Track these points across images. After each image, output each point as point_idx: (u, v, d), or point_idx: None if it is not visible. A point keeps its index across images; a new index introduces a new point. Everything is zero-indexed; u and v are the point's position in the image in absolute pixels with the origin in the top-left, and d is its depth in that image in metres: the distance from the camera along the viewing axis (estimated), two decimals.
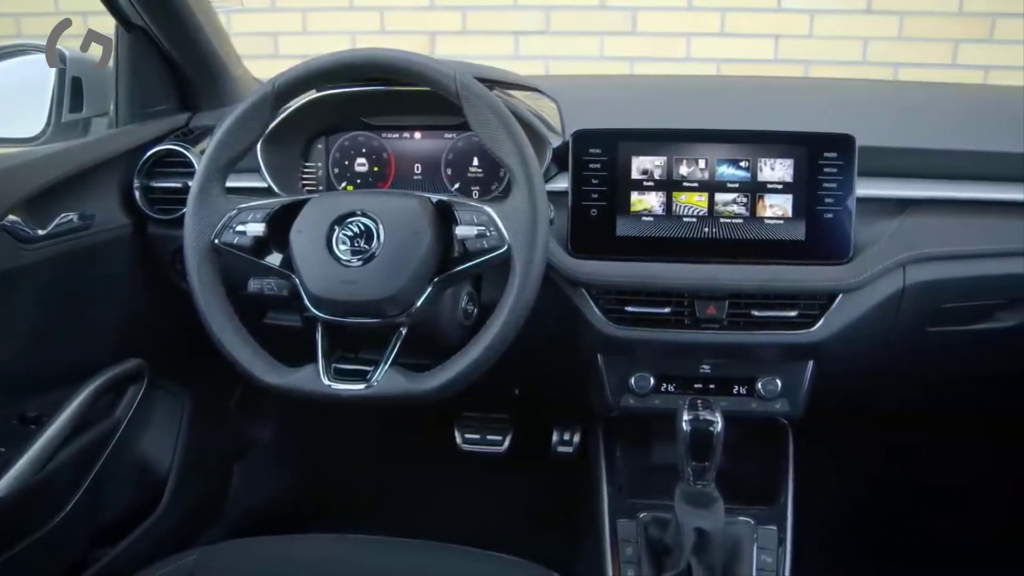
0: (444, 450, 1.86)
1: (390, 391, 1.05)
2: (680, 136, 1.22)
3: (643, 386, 1.29)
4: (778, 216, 1.21)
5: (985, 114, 1.47)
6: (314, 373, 1.07)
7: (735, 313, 1.22)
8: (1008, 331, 1.29)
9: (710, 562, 1.13)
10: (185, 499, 1.60)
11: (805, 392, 1.29)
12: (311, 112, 1.34)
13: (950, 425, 1.85)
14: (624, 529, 1.30)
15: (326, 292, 1.07)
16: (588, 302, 1.24)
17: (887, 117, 1.41)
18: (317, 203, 1.11)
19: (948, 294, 1.25)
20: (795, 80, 2.26)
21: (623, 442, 1.45)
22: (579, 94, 1.47)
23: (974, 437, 1.89)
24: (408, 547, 1.17)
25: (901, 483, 1.90)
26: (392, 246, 1.06)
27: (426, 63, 1.07)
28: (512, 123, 1.06)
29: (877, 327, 1.24)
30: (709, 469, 1.15)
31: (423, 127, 1.38)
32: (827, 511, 1.59)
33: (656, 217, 1.22)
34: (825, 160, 1.20)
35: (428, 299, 1.07)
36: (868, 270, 1.20)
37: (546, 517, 1.68)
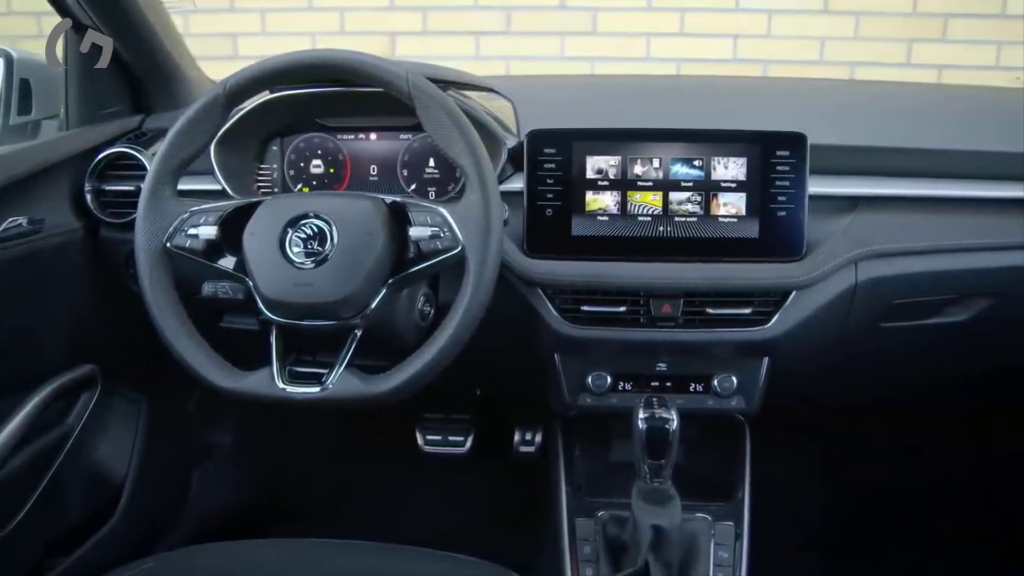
0: (406, 452, 1.85)
1: (344, 394, 1.04)
2: (634, 135, 1.23)
3: (600, 385, 1.30)
4: (732, 214, 1.22)
5: (936, 112, 1.49)
6: (268, 377, 1.06)
7: (690, 311, 1.23)
8: (959, 325, 1.31)
9: (667, 559, 1.14)
10: (143, 505, 1.58)
11: (761, 388, 1.30)
12: (265, 113, 1.32)
13: (904, 420, 1.88)
14: (582, 528, 1.31)
15: (279, 295, 1.06)
16: (544, 302, 1.24)
17: (841, 116, 1.43)
18: (270, 205, 1.10)
19: (900, 290, 1.27)
20: (751, 80, 2.28)
21: (582, 441, 1.46)
22: (537, 94, 1.47)
23: (928, 432, 1.92)
24: (368, 549, 1.17)
25: (857, 478, 1.93)
26: (345, 248, 1.05)
27: (378, 64, 1.07)
28: (465, 123, 1.06)
29: (831, 323, 1.26)
30: (665, 467, 1.15)
31: (379, 128, 1.37)
32: (784, 506, 1.60)
33: (611, 216, 1.23)
34: (777, 158, 1.21)
35: (383, 301, 1.07)
36: (821, 267, 1.21)
37: (509, 517, 1.69)
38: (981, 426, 1.90)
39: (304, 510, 1.95)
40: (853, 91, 1.73)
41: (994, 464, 1.90)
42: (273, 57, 1.10)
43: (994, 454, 1.90)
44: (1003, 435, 1.87)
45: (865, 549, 1.72)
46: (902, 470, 1.93)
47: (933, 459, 1.94)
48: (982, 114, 1.48)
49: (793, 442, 1.80)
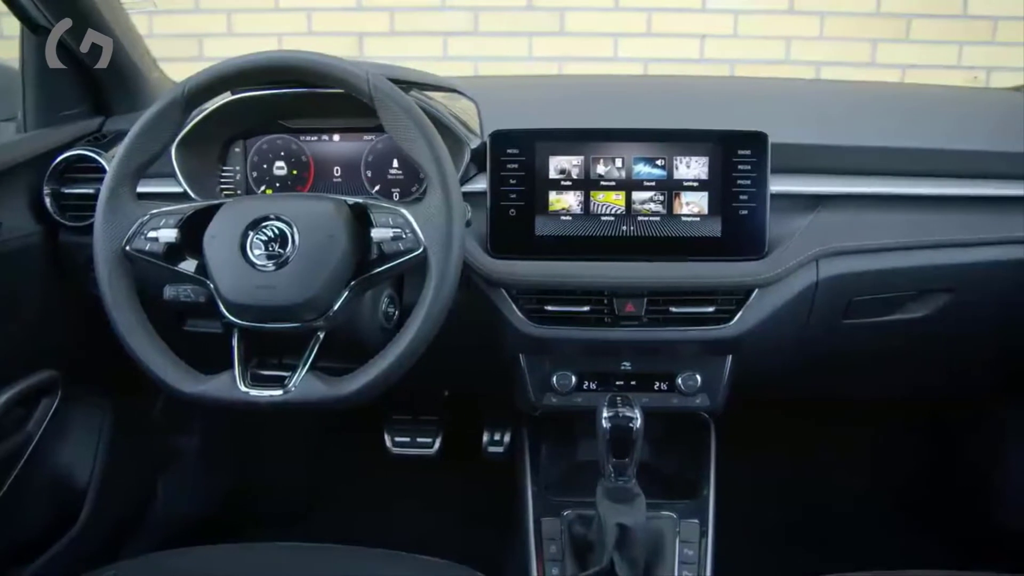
0: (374, 454, 1.84)
1: (307, 397, 1.04)
2: (596, 135, 1.23)
3: (565, 384, 1.30)
4: (694, 213, 1.23)
5: (895, 111, 1.51)
6: (230, 380, 1.05)
7: (654, 310, 1.24)
8: (918, 321, 1.33)
9: (632, 557, 1.14)
10: (107, 513, 1.56)
11: (725, 386, 1.31)
12: (227, 115, 1.31)
13: (868, 416, 1.90)
14: (548, 527, 1.31)
15: (241, 298, 1.05)
16: (508, 302, 1.24)
17: (803, 115, 1.44)
18: (230, 208, 1.10)
19: (860, 287, 1.28)
20: (715, 79, 2.30)
21: (548, 441, 1.46)
22: (502, 94, 1.47)
23: (892, 427, 1.94)
24: (334, 553, 1.16)
25: (822, 474, 1.94)
26: (307, 250, 1.04)
27: (338, 65, 1.07)
28: (426, 124, 1.06)
29: (793, 320, 1.27)
30: (629, 465, 1.16)
31: (342, 129, 1.37)
32: (749, 503, 1.61)
33: (574, 216, 1.23)
34: (739, 157, 1.22)
35: (345, 303, 1.06)
36: (782, 265, 1.22)
37: (478, 517, 1.68)
38: (944, 420, 1.93)
39: (273, 514, 1.94)
40: (815, 90, 1.75)
41: (958, 457, 1.92)
42: (233, 58, 1.09)
43: (957, 448, 1.92)
44: (965, 429, 1.90)
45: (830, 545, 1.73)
46: (866, 465, 1.96)
47: (897, 454, 1.97)
48: (940, 113, 1.51)
49: (758, 439, 1.82)
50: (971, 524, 1.84)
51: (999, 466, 1.78)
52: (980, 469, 1.84)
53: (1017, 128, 1.48)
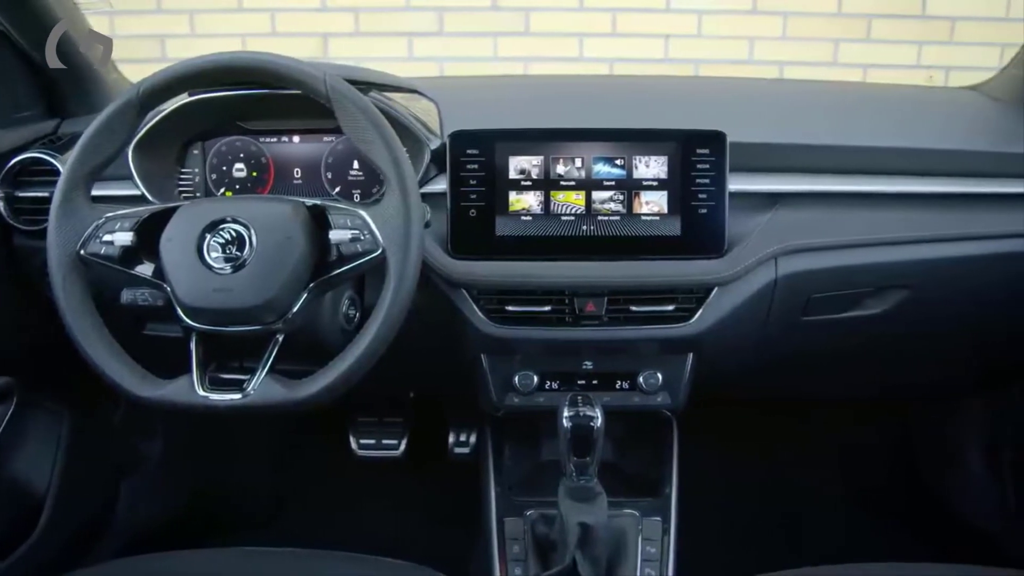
0: (340, 456, 1.84)
1: (266, 400, 1.03)
2: (555, 135, 1.23)
3: (527, 384, 1.30)
4: (654, 212, 1.23)
5: (852, 110, 1.52)
6: (188, 384, 1.04)
7: (614, 309, 1.24)
8: (876, 317, 1.34)
9: (594, 555, 1.15)
10: (66, 521, 1.54)
11: (686, 384, 1.32)
12: (185, 116, 1.30)
13: (829, 412, 1.92)
14: (511, 527, 1.31)
15: (198, 301, 1.04)
16: (469, 303, 1.24)
17: (762, 114, 1.45)
18: (187, 210, 1.09)
19: (819, 284, 1.29)
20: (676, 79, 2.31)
21: (512, 441, 1.46)
22: (463, 95, 1.47)
23: (853, 423, 1.96)
24: (297, 556, 1.16)
25: (785, 471, 1.96)
26: (264, 252, 1.04)
27: (294, 66, 1.06)
28: (383, 125, 1.05)
29: (753, 318, 1.28)
30: (591, 464, 1.16)
31: (302, 131, 1.36)
32: (712, 500, 1.63)
33: (535, 216, 1.23)
34: (698, 156, 1.23)
35: (305, 305, 1.06)
36: (741, 263, 1.23)
37: (444, 519, 1.68)
38: (907, 416, 1.96)
39: (238, 518, 1.92)
40: (775, 90, 1.76)
41: (921, 453, 1.95)
42: (188, 60, 1.08)
43: (920, 444, 1.95)
44: (928, 425, 1.92)
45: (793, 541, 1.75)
46: (829, 462, 1.98)
47: (859, 451, 1.99)
48: (897, 111, 1.52)
49: (721, 437, 1.83)
50: (935, 519, 1.87)
51: (961, 461, 1.81)
52: (943, 464, 1.87)
53: (971, 126, 1.51)
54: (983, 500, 1.76)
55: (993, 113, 1.53)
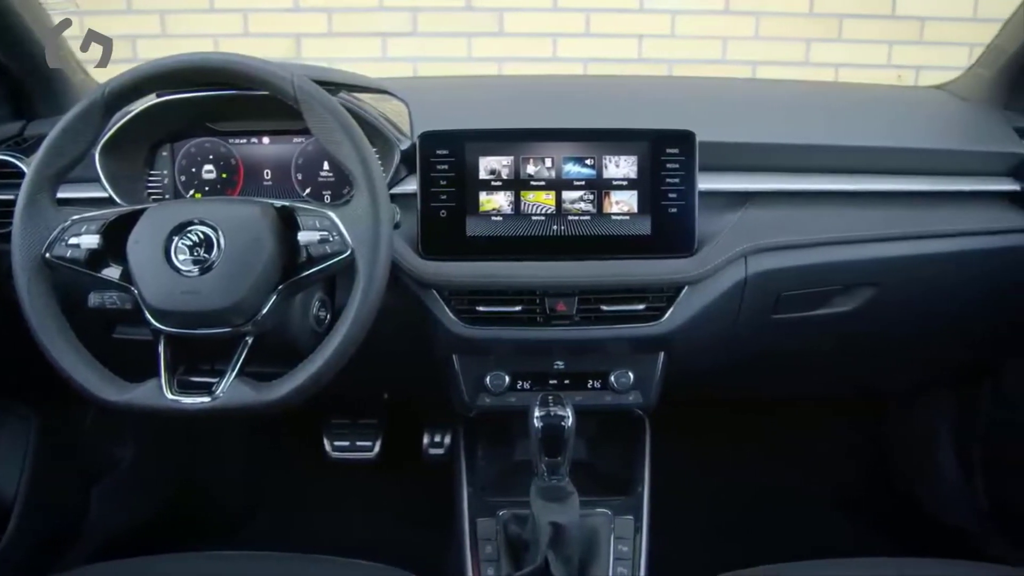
0: (314, 459, 1.83)
1: (235, 402, 1.03)
2: (525, 135, 1.23)
3: (498, 385, 1.30)
4: (624, 212, 1.24)
5: (821, 109, 1.54)
6: (156, 388, 1.04)
7: (585, 309, 1.24)
8: (846, 315, 1.36)
9: (567, 555, 1.15)
10: (35, 527, 1.52)
11: (657, 383, 1.32)
12: (153, 118, 1.29)
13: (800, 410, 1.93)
14: (484, 528, 1.31)
15: (166, 304, 1.03)
16: (440, 303, 1.24)
17: (732, 113, 1.46)
18: (154, 212, 1.08)
19: (788, 282, 1.30)
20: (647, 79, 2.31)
21: (484, 441, 1.46)
22: (433, 95, 1.47)
23: (824, 421, 1.98)
24: (270, 560, 1.16)
25: (757, 469, 1.97)
26: (233, 254, 1.03)
27: (261, 67, 1.06)
28: (351, 126, 1.05)
29: (723, 316, 1.29)
30: (562, 464, 1.16)
31: (272, 132, 1.35)
32: (685, 499, 1.63)
33: (505, 216, 1.23)
34: (667, 156, 1.23)
35: (274, 307, 1.05)
36: (711, 262, 1.24)
37: (419, 520, 1.68)
38: (876, 414, 1.98)
39: (212, 522, 1.91)
40: (746, 89, 1.77)
41: (891, 451, 1.97)
42: (154, 61, 1.08)
43: (890, 441, 1.97)
44: (897, 422, 1.94)
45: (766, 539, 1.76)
46: (801, 460, 1.99)
47: (831, 448, 2.01)
48: (865, 110, 1.54)
49: (693, 436, 1.84)
50: (906, 516, 1.88)
51: (933, 458, 1.82)
52: (914, 462, 1.89)
53: (938, 125, 1.53)
54: (954, 497, 1.78)
55: (960, 112, 1.55)
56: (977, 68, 1.56)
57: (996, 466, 1.69)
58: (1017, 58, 1.43)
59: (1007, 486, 1.66)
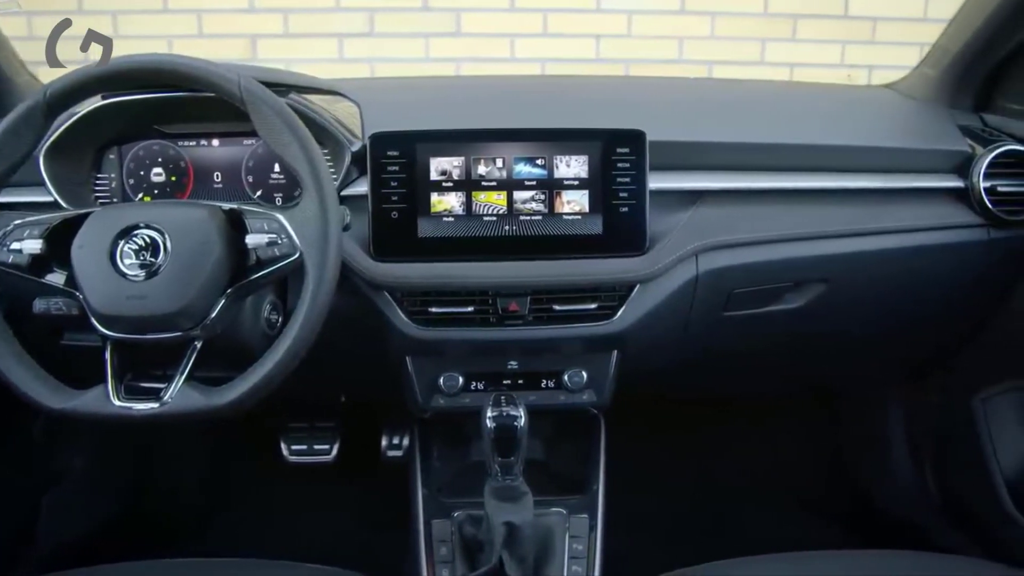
0: (272, 463, 1.82)
1: (184, 408, 1.02)
2: (476, 136, 1.23)
3: (452, 386, 1.30)
4: (575, 212, 1.24)
5: (775, 108, 1.55)
6: (102, 394, 1.03)
7: (537, 308, 1.25)
8: (797, 311, 1.37)
9: (521, 554, 1.15)
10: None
11: (611, 381, 1.33)
12: (99, 120, 1.27)
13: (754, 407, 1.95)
14: (439, 529, 1.31)
15: (112, 309, 1.02)
16: (392, 305, 1.24)
17: (687, 112, 1.47)
18: (99, 216, 1.07)
19: (739, 279, 1.32)
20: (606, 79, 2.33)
21: (440, 443, 1.46)
22: (386, 96, 1.47)
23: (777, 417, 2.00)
24: (226, 566, 1.15)
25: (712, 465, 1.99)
26: (180, 258, 1.02)
27: (207, 68, 1.05)
28: (299, 128, 1.04)
29: (675, 314, 1.30)
30: (516, 464, 1.17)
31: (221, 134, 1.34)
32: (641, 496, 1.64)
33: (457, 217, 1.23)
34: (618, 156, 1.23)
35: (223, 310, 1.05)
36: (663, 260, 1.25)
37: (377, 522, 1.67)
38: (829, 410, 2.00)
39: (168, 529, 1.89)
40: (700, 89, 1.78)
41: (844, 446, 1.99)
42: (97, 62, 1.06)
43: (844, 436, 1.99)
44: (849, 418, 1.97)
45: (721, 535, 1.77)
46: (756, 456, 2.01)
47: (785, 444, 2.03)
48: (815, 109, 1.56)
49: (648, 433, 1.85)
50: (861, 511, 1.91)
51: (886, 453, 1.85)
52: (868, 457, 1.91)
53: (886, 123, 1.55)
54: (907, 491, 1.81)
55: (906, 110, 1.57)
56: (923, 68, 1.58)
57: (946, 460, 1.72)
58: (960, 57, 1.45)
59: (957, 479, 1.69)
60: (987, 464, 1.54)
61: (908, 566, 1.13)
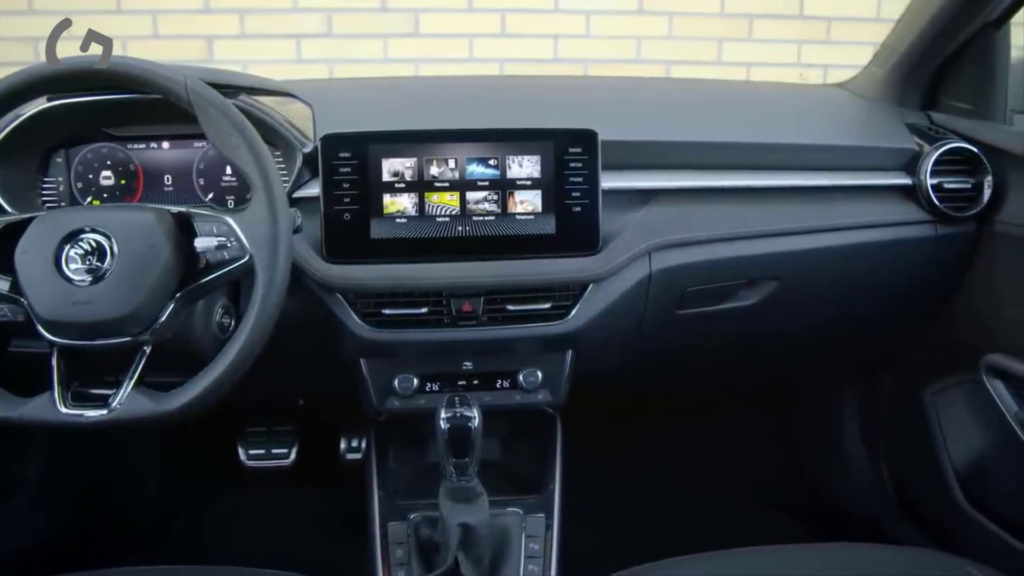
0: (229, 469, 1.80)
1: (133, 413, 1.01)
2: (428, 136, 1.23)
3: (407, 387, 1.30)
4: (529, 212, 1.24)
5: (729, 108, 1.56)
6: (49, 401, 1.01)
7: (491, 308, 1.25)
8: (750, 309, 1.39)
9: (477, 555, 1.15)
10: None
11: (566, 380, 1.33)
12: (45, 123, 1.25)
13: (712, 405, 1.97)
14: (395, 531, 1.30)
15: (57, 315, 1.01)
16: (345, 307, 1.23)
17: (641, 112, 1.48)
18: (43, 221, 1.05)
19: (692, 278, 1.32)
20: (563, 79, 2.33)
21: (396, 445, 1.46)
22: (339, 97, 1.46)
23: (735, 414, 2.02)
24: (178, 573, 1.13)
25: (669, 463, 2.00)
26: (127, 262, 1.01)
27: (153, 69, 1.03)
28: (247, 129, 1.04)
29: (629, 313, 1.30)
30: (470, 464, 1.16)
31: (172, 136, 1.32)
32: (598, 495, 1.65)
33: (409, 218, 1.23)
34: (570, 155, 1.24)
35: (172, 315, 1.03)
36: (616, 259, 1.25)
37: (336, 526, 1.67)
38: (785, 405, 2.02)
39: (125, 537, 1.86)
40: (654, 88, 1.79)
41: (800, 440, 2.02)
42: (39, 64, 1.05)
43: (799, 431, 2.02)
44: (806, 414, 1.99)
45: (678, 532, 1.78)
46: (712, 454, 2.02)
47: (742, 441, 2.05)
48: (767, 108, 1.57)
49: (605, 432, 1.86)
50: (818, 505, 1.93)
51: (840, 447, 1.88)
52: (823, 451, 1.94)
53: (837, 122, 1.57)
54: (862, 485, 1.83)
55: (857, 109, 1.59)
56: (872, 67, 1.60)
57: (899, 453, 1.74)
58: (907, 57, 1.48)
59: (909, 472, 1.71)
60: (938, 457, 1.56)
61: (861, 559, 1.15)
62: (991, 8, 1.35)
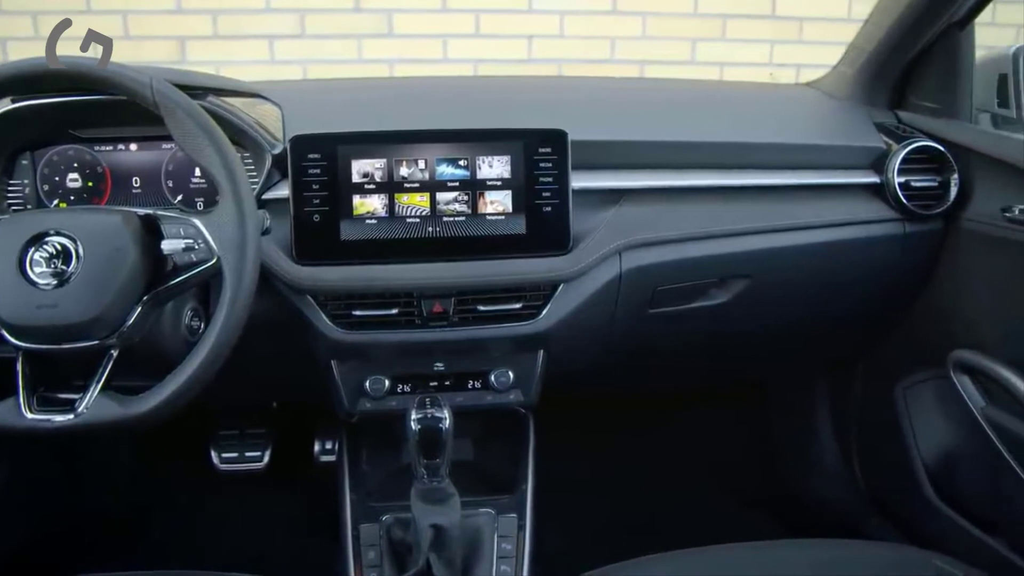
0: (202, 472, 1.78)
1: (100, 418, 1.00)
2: (397, 137, 1.22)
3: (378, 389, 1.30)
4: (499, 212, 1.24)
5: (700, 107, 1.57)
6: (14, 406, 1.00)
7: (462, 309, 1.25)
8: (721, 307, 1.40)
9: (449, 556, 1.15)
10: None
11: (538, 381, 1.33)
12: (10, 124, 1.23)
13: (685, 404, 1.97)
14: (367, 534, 1.29)
15: (22, 319, 0.99)
16: (315, 309, 1.23)
17: (612, 112, 1.48)
18: (7, 224, 1.04)
19: (663, 276, 1.33)
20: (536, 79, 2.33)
21: (369, 446, 1.45)
22: (309, 98, 1.45)
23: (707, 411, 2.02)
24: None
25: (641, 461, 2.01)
26: (92, 265, 1.00)
27: (117, 71, 1.02)
28: (214, 131, 1.03)
29: (600, 313, 1.31)
30: (442, 465, 1.16)
31: (140, 138, 1.31)
32: (571, 494, 1.65)
33: (379, 219, 1.22)
34: (540, 155, 1.24)
35: (140, 318, 1.02)
36: (586, 259, 1.25)
37: (310, 529, 1.65)
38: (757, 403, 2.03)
39: (98, 543, 1.84)
40: (626, 88, 1.80)
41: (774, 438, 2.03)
42: (2, 65, 1.03)
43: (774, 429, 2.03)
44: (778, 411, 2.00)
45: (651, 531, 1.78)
46: (686, 452, 2.03)
47: (717, 440, 2.05)
48: (737, 108, 1.58)
49: (578, 431, 1.86)
50: (788, 500, 1.94)
51: (814, 444, 1.89)
52: (795, 449, 1.95)
53: (806, 121, 1.58)
54: (835, 480, 1.85)
55: (826, 108, 1.61)
56: (841, 66, 1.62)
57: (871, 449, 1.76)
58: (875, 56, 1.49)
59: (881, 467, 1.73)
60: (909, 452, 1.58)
61: (833, 554, 1.16)
62: (955, 8, 1.36)
